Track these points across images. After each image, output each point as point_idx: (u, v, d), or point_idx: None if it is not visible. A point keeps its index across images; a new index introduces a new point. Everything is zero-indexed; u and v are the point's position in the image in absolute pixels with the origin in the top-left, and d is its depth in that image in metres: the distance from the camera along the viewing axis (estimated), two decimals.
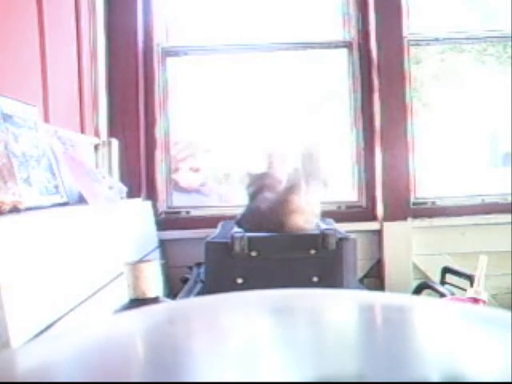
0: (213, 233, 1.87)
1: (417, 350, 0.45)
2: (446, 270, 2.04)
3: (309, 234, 1.65)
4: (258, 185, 1.85)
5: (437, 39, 2.45)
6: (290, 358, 0.43)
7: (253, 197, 1.84)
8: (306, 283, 1.57)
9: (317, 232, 1.65)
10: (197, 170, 2.50)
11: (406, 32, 2.36)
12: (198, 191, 2.49)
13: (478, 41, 2.48)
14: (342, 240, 1.62)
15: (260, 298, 0.61)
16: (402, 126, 2.31)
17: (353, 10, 2.41)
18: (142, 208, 2.17)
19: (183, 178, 2.49)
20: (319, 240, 1.61)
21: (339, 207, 2.39)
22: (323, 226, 1.74)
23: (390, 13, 2.33)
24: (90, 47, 2.10)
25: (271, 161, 1.91)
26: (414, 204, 2.35)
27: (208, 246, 1.67)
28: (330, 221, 2.00)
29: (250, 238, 1.61)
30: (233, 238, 1.61)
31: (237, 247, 1.59)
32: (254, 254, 1.60)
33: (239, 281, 1.59)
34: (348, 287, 1.61)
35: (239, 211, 1.90)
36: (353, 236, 1.67)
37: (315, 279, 1.60)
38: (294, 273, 1.60)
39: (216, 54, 2.49)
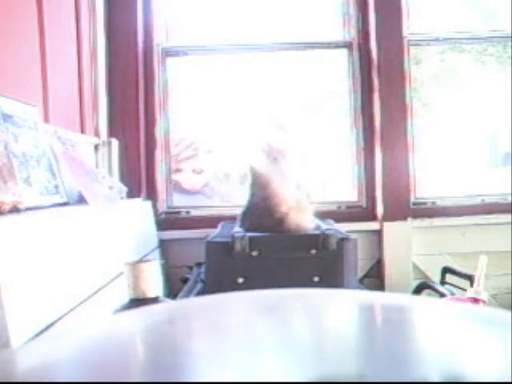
0: (213, 233, 1.87)
1: (417, 350, 0.45)
2: (446, 270, 2.04)
3: (310, 234, 1.65)
4: (263, 180, 1.83)
5: (437, 39, 2.45)
6: (290, 358, 0.43)
7: (256, 191, 1.82)
8: (307, 283, 1.57)
9: (318, 232, 1.65)
10: (199, 172, 2.49)
11: (406, 32, 2.36)
12: (200, 193, 2.49)
13: (478, 41, 2.48)
14: (342, 240, 1.62)
15: (260, 298, 0.61)
16: (402, 126, 2.31)
17: (353, 10, 2.41)
18: (142, 208, 2.17)
19: (186, 179, 2.49)
20: (320, 240, 1.61)
21: (339, 207, 2.39)
22: (324, 227, 1.74)
23: (390, 13, 2.33)
24: (90, 47, 2.10)
25: (275, 156, 1.90)
26: (414, 204, 2.35)
27: (209, 245, 1.67)
28: (331, 221, 2.00)
29: (250, 238, 1.61)
30: (233, 237, 1.61)
31: (238, 247, 1.59)
32: (254, 253, 1.60)
33: (240, 280, 1.59)
34: (349, 287, 1.61)
35: (239, 211, 1.90)
36: (354, 236, 1.67)
37: (316, 279, 1.60)
38: (294, 273, 1.60)
39: (216, 54, 2.49)
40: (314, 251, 1.61)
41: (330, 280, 1.60)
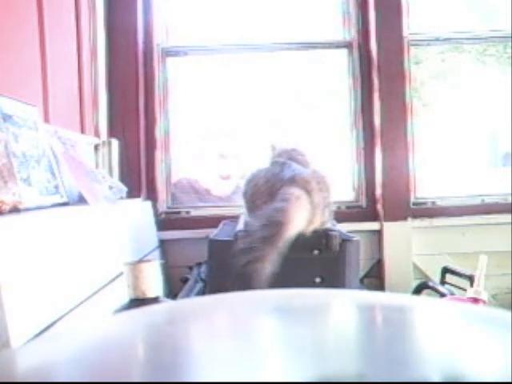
0: (213, 232, 1.87)
1: (417, 350, 0.45)
2: (446, 270, 2.04)
3: (312, 235, 1.64)
4: (286, 157, 1.79)
5: (437, 39, 2.45)
6: (291, 358, 0.43)
7: (279, 166, 1.76)
8: (309, 284, 1.56)
9: (320, 233, 1.64)
10: (227, 178, 2.48)
11: (406, 32, 2.36)
12: (230, 198, 2.46)
13: (479, 41, 2.48)
14: (345, 241, 1.61)
15: (260, 298, 0.61)
16: (402, 125, 2.31)
17: (353, 9, 2.41)
18: (142, 208, 2.17)
19: (215, 186, 2.48)
20: (323, 241, 1.60)
21: (339, 207, 2.38)
22: (327, 227, 1.72)
23: (390, 13, 2.33)
24: (90, 47, 2.10)
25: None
26: (414, 204, 2.35)
27: (211, 243, 1.67)
28: (333, 221, 1.99)
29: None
30: (236, 236, 1.60)
31: (240, 246, 1.58)
32: None
33: None
34: (350, 288, 1.60)
35: (239, 211, 1.89)
36: (356, 238, 1.66)
37: (318, 280, 1.60)
38: (296, 273, 1.60)
39: (216, 54, 2.49)
40: (316, 252, 1.61)
41: (332, 281, 1.59)
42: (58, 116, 1.69)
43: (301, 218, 1.53)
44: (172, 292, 2.00)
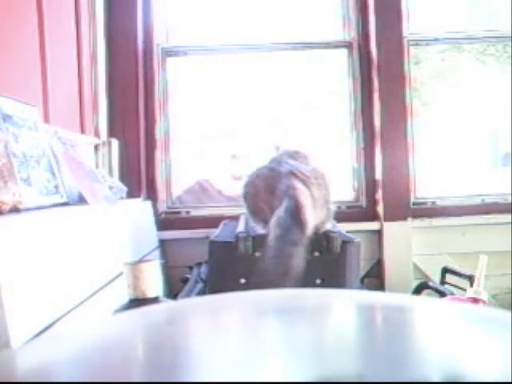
0: (213, 232, 1.87)
1: (417, 350, 0.45)
2: (446, 270, 2.04)
3: (313, 237, 1.64)
4: (290, 158, 1.77)
5: (437, 39, 2.45)
6: (291, 358, 0.43)
7: (277, 162, 1.72)
8: (309, 285, 1.56)
9: (321, 234, 1.64)
10: (239, 178, 2.48)
11: (405, 32, 2.36)
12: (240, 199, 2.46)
13: (478, 41, 2.48)
14: (346, 243, 1.61)
15: (260, 298, 0.61)
16: (402, 126, 2.31)
17: (353, 10, 2.41)
18: (142, 208, 2.17)
19: (226, 186, 2.48)
20: (323, 243, 1.60)
21: (339, 207, 2.38)
22: (328, 228, 1.72)
23: (390, 13, 2.33)
24: (90, 47, 2.10)
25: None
26: (414, 204, 2.35)
27: (212, 245, 1.67)
28: (333, 222, 1.99)
29: (254, 239, 1.60)
30: (237, 237, 1.60)
31: (241, 247, 1.59)
32: (258, 254, 1.59)
33: (242, 281, 1.59)
34: (351, 289, 1.60)
35: (238, 211, 1.89)
36: (357, 239, 1.65)
37: (318, 281, 1.60)
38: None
39: (216, 54, 2.49)
40: (317, 254, 1.60)
41: (333, 282, 1.59)
42: (58, 116, 1.69)
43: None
44: (172, 292, 2.00)
